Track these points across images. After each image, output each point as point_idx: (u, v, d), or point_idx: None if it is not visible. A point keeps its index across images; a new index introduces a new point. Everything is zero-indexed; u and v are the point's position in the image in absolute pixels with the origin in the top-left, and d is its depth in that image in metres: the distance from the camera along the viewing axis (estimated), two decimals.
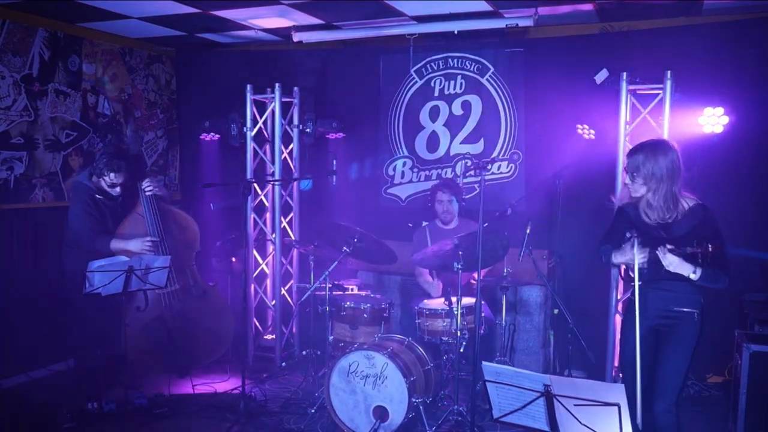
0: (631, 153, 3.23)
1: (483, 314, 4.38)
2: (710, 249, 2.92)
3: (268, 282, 6.18)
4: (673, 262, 3.00)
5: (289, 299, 6.06)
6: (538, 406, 2.52)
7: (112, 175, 4.55)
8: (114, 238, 4.60)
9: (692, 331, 3.12)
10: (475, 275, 4.16)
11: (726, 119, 4.56)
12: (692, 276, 3.00)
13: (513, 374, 2.48)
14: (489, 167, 3.96)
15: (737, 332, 4.43)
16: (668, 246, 3.02)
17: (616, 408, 2.34)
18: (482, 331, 4.39)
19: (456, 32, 5.29)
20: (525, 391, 2.50)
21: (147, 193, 4.72)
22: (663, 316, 3.20)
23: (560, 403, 2.43)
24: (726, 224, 3.24)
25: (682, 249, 2.99)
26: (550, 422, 2.53)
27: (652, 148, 3.18)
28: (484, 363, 2.54)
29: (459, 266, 4.14)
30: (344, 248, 4.44)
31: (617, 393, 2.32)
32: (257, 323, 6.03)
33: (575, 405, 2.42)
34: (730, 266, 3.05)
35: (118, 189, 4.64)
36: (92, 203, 4.60)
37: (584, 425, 2.44)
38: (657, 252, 3.03)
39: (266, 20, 5.48)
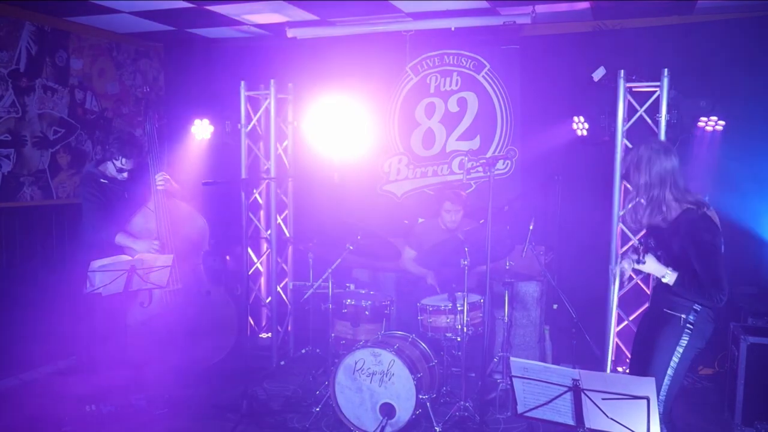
0: (625, 155, 3.24)
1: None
2: (642, 245, 2.98)
3: (263, 280, 6.14)
4: (633, 263, 3.04)
5: (284, 297, 6.02)
6: (564, 401, 2.55)
7: (123, 159, 4.54)
8: (121, 233, 4.53)
9: (675, 334, 3.06)
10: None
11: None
12: (664, 279, 3.02)
13: (542, 369, 2.51)
14: (496, 164, 3.98)
15: (732, 325, 4.54)
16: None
17: (644, 401, 2.38)
18: (480, 329, 4.43)
19: (452, 29, 5.30)
20: (552, 386, 2.52)
21: (159, 188, 4.66)
22: (656, 316, 3.22)
23: (588, 397, 2.46)
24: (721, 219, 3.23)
25: (632, 247, 3.03)
26: (576, 416, 2.57)
27: (636, 152, 3.14)
28: (512, 359, 2.56)
29: (465, 262, 4.15)
30: (348, 245, 4.42)
31: (647, 386, 2.36)
32: (252, 321, 5.98)
33: (603, 399, 2.45)
34: (717, 280, 2.90)
35: (125, 175, 4.61)
36: (97, 187, 4.57)
37: (611, 419, 2.48)
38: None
39: (260, 15, 5.42)
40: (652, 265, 3.02)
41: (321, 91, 6.01)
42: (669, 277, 3.01)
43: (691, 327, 3.03)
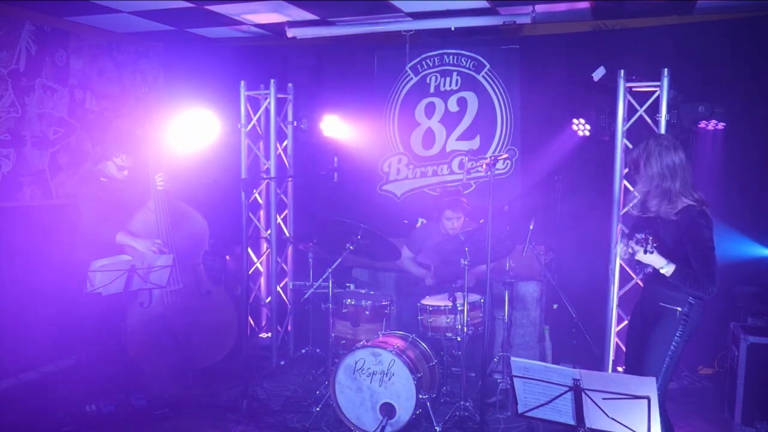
0: (632, 150, 3.32)
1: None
2: (649, 240, 2.98)
3: (262, 280, 6.14)
4: (637, 251, 3.04)
5: (284, 297, 6.01)
6: (565, 401, 2.54)
7: (123, 156, 4.57)
8: (121, 231, 4.54)
9: (672, 325, 3.14)
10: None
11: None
12: (663, 270, 3.06)
13: (542, 369, 2.51)
14: (497, 164, 3.97)
15: (732, 324, 4.54)
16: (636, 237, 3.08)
17: (645, 401, 2.38)
18: (480, 329, 4.43)
19: (452, 29, 5.29)
20: (553, 386, 2.52)
21: (158, 188, 4.66)
22: (650, 309, 3.27)
23: (589, 397, 2.46)
24: (718, 220, 3.27)
25: (635, 237, 3.05)
26: (577, 416, 2.57)
27: (646, 145, 3.22)
28: (513, 358, 2.56)
29: (465, 262, 4.15)
30: (348, 245, 4.42)
31: (648, 386, 2.36)
32: (251, 321, 5.97)
33: (604, 399, 2.45)
34: (711, 273, 3.02)
35: (126, 173, 4.63)
36: (97, 186, 4.59)
37: (612, 418, 2.48)
38: (621, 242, 3.19)
39: (260, 15, 5.41)
40: (655, 257, 3.04)
41: (321, 90, 6.03)
42: (667, 268, 3.05)
43: (686, 318, 3.14)
